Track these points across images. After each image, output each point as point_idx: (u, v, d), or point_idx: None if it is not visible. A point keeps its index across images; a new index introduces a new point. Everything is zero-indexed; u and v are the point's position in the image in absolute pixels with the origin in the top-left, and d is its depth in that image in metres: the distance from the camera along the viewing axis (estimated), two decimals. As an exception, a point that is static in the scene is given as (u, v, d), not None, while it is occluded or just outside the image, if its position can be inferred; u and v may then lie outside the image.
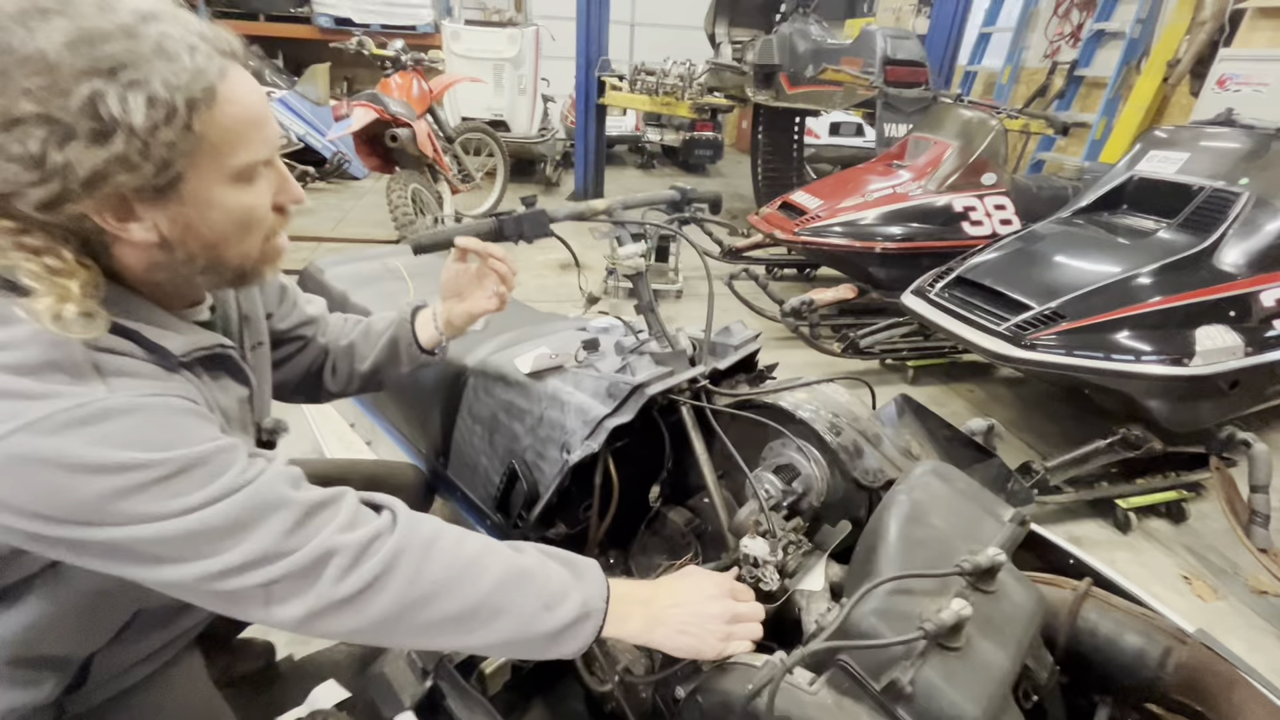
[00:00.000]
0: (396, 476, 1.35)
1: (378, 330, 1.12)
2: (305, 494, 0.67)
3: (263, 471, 0.66)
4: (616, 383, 0.97)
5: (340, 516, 0.67)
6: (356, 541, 0.66)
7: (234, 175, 0.64)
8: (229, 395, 0.79)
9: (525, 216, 0.98)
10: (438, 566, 0.68)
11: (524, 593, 0.72)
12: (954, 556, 0.84)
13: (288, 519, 0.64)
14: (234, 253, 0.69)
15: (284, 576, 0.63)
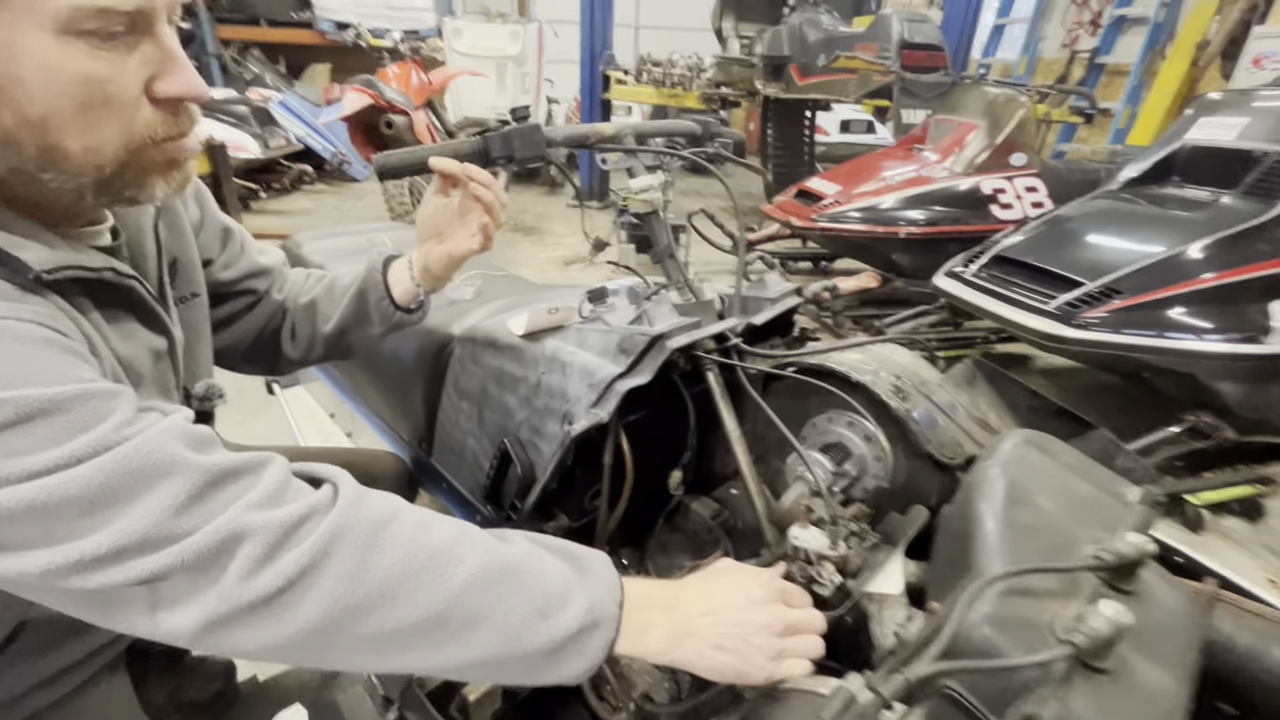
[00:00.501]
0: (373, 466, 1.16)
1: (343, 285, 0.94)
2: (209, 458, 0.48)
3: (151, 426, 0.47)
4: (630, 335, 0.78)
5: (259, 488, 0.49)
6: (277, 522, 0.47)
7: (60, 23, 0.46)
8: (135, 343, 0.62)
9: (516, 132, 0.80)
10: (390, 557, 0.50)
11: (511, 594, 0.52)
12: (1076, 546, 0.64)
13: (179, 490, 0.46)
14: (76, 145, 0.50)
15: (171, 570, 0.45)
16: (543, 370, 0.87)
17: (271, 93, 6.30)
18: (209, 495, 0.47)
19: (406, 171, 0.78)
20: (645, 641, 0.58)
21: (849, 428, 0.88)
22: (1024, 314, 2.00)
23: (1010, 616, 0.54)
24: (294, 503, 0.49)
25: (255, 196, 5.05)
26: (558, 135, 0.84)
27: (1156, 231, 2.06)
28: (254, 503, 0.48)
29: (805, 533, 0.72)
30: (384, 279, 0.90)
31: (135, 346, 0.62)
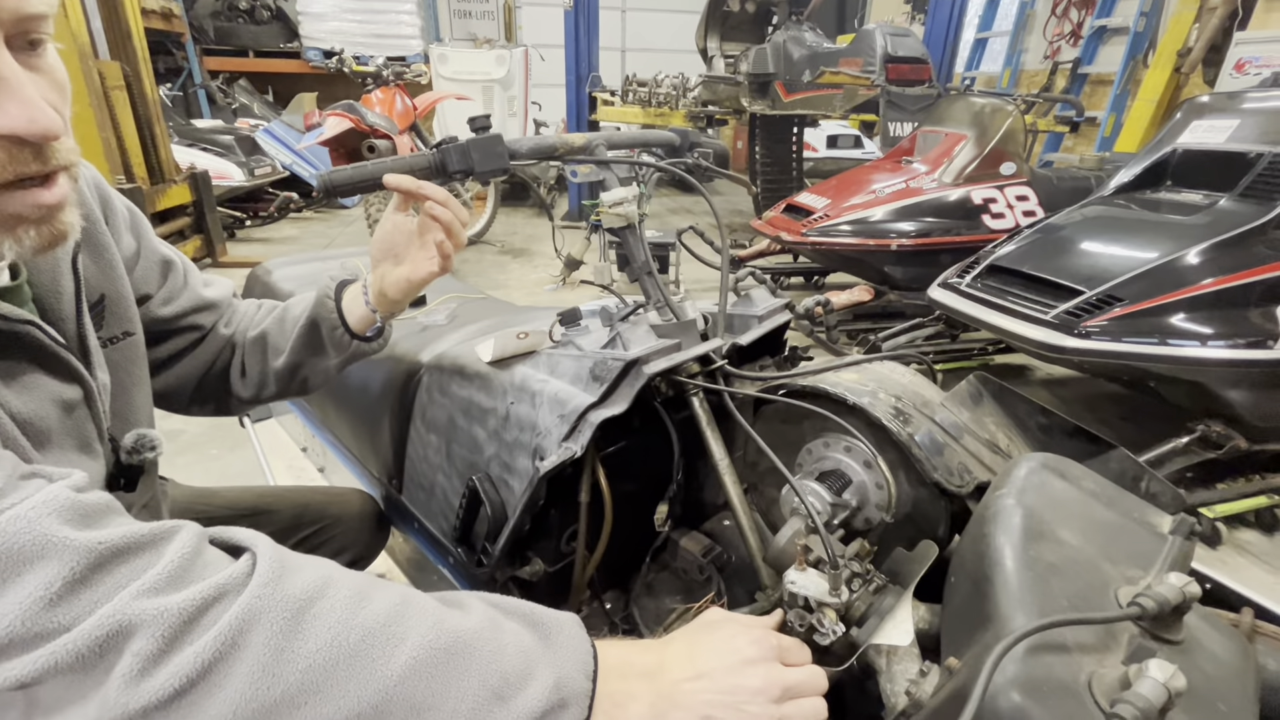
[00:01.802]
0: (340, 505, 1.08)
1: (295, 315, 0.86)
2: (95, 534, 0.40)
3: (23, 500, 0.40)
4: (602, 360, 0.71)
5: (154, 571, 0.41)
6: (175, 609, 0.39)
7: None
8: (36, 395, 0.54)
9: (475, 144, 0.74)
10: (314, 643, 0.42)
11: (461, 677, 0.45)
12: (1109, 588, 0.56)
13: (53, 576, 0.38)
14: None
15: (44, 674, 0.37)
16: (511, 400, 0.80)
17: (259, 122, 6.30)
18: (91, 581, 0.39)
19: (355, 189, 0.72)
20: (624, 716, 0.50)
21: (847, 453, 0.81)
22: (1023, 324, 1.94)
23: (1043, 680, 0.46)
24: (199, 583, 0.41)
25: (240, 225, 5.00)
26: (522, 147, 0.78)
27: (1154, 237, 2.01)
28: (149, 587, 0.40)
29: (803, 576, 0.65)
30: (337, 306, 0.83)
31: (37, 399, 0.54)
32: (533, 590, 0.83)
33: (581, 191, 5.90)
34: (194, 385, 0.87)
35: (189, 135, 5.00)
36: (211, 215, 4.18)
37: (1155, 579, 0.54)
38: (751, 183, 5.60)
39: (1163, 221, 2.09)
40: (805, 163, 5.81)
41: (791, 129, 5.50)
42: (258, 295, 1.54)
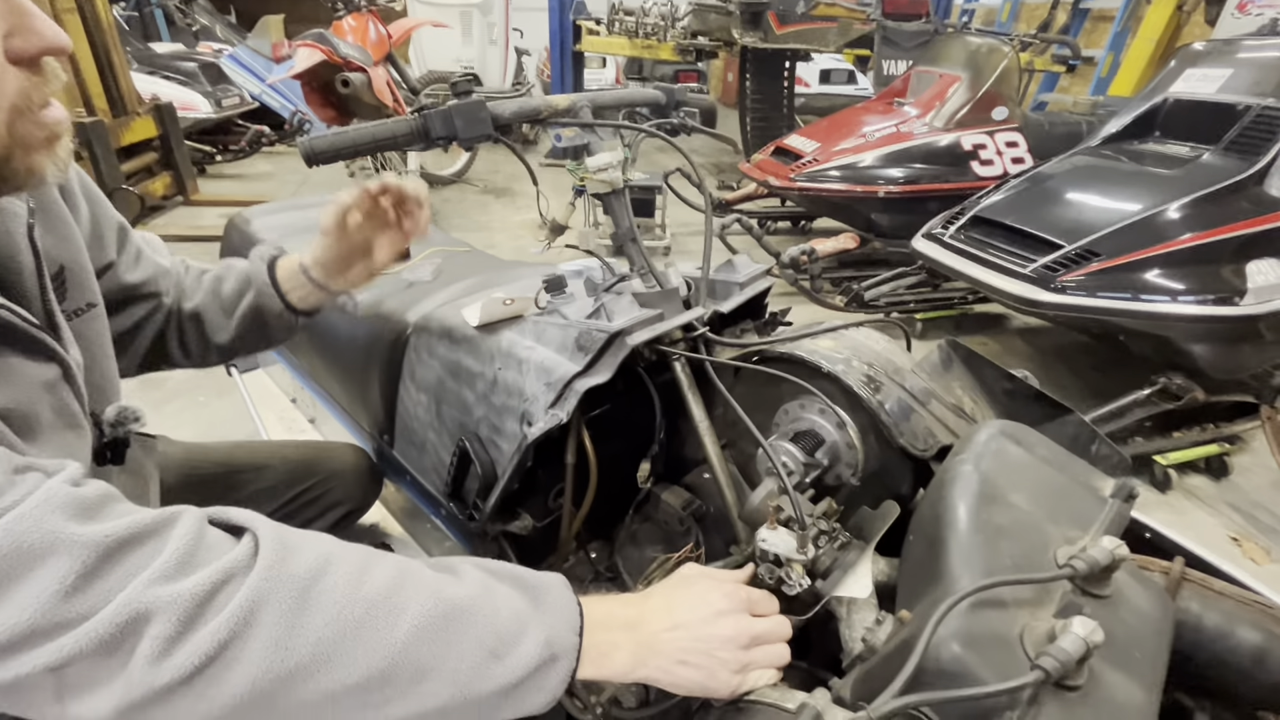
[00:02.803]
0: (333, 459, 1.12)
1: (229, 293, 0.85)
2: (100, 527, 0.43)
3: (27, 496, 0.42)
4: (587, 331, 0.73)
5: (161, 558, 0.43)
6: (188, 593, 0.42)
7: None
8: (17, 382, 0.54)
9: (459, 110, 0.73)
10: (322, 617, 0.45)
11: (460, 639, 0.49)
12: (1049, 547, 0.62)
13: (66, 570, 0.40)
14: None
15: (72, 658, 0.40)
16: (499, 366, 0.83)
17: (222, 46, 5.93)
18: (103, 571, 0.42)
19: (337, 157, 0.71)
20: (609, 664, 0.56)
21: (821, 415, 0.85)
22: (1000, 277, 1.98)
23: (980, 633, 0.52)
24: (207, 567, 0.44)
25: (210, 160, 4.80)
26: (505, 110, 0.77)
27: (1136, 190, 2.02)
28: (159, 574, 0.43)
29: (774, 535, 0.70)
30: (277, 291, 0.83)
31: (19, 387, 0.54)
32: (522, 543, 0.88)
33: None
34: (141, 355, 0.85)
35: (148, 62, 4.71)
36: (180, 150, 4.00)
37: (1090, 541, 0.60)
38: (741, 118, 5.45)
39: (1147, 174, 2.10)
40: (797, 98, 5.64)
41: (784, 63, 5.31)
42: (236, 245, 1.53)
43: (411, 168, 3.57)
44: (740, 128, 5.50)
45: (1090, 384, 2.48)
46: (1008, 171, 3.08)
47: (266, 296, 0.84)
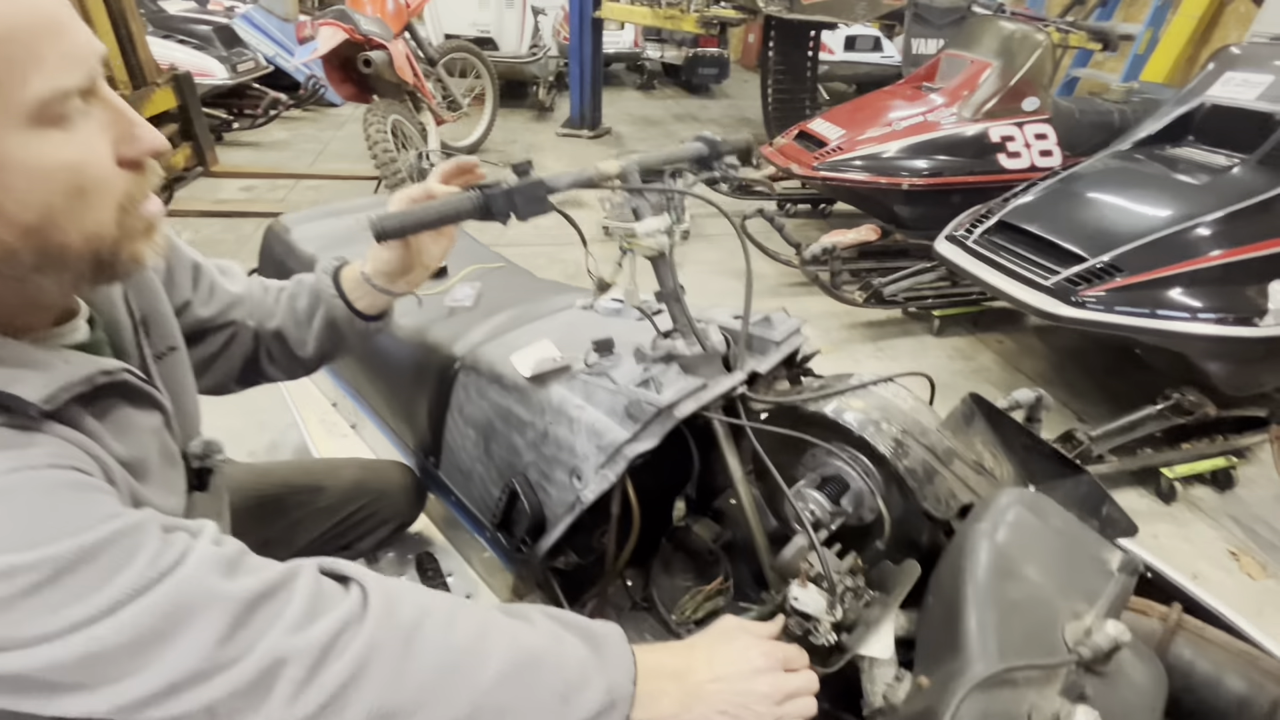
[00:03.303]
0: (382, 479, 1.19)
1: (304, 309, 0.91)
2: (242, 583, 0.50)
3: (183, 557, 0.49)
4: (638, 402, 0.79)
5: (291, 608, 0.51)
6: (315, 644, 0.50)
7: (30, 116, 0.44)
8: (134, 434, 0.61)
9: (518, 190, 0.76)
10: (425, 664, 0.53)
11: (535, 685, 0.57)
12: (1057, 621, 0.68)
13: (220, 622, 0.48)
14: (74, 234, 0.49)
15: (223, 699, 0.48)
16: (550, 420, 0.88)
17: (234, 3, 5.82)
18: (248, 622, 0.49)
19: (404, 233, 0.76)
20: (657, 709, 0.63)
21: (850, 462, 0.91)
22: (1021, 287, 2.00)
23: (994, 712, 0.58)
24: (327, 616, 0.52)
25: (228, 127, 4.77)
26: (561, 183, 0.80)
27: (1164, 202, 2.01)
28: (291, 624, 0.50)
29: (805, 593, 0.77)
30: (346, 302, 0.89)
31: (135, 438, 0.61)
32: (567, 576, 0.96)
33: (584, 98, 5.61)
34: (236, 375, 0.92)
35: (162, 24, 4.65)
36: (199, 121, 3.99)
37: (1096, 621, 0.66)
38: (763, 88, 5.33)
39: (1177, 184, 2.08)
40: (820, 65, 5.50)
41: (809, 33, 5.15)
42: (278, 254, 1.58)
43: (433, 145, 3.55)
44: (761, 97, 5.38)
45: (1104, 386, 2.51)
46: (1035, 164, 3.04)
47: (336, 308, 0.89)
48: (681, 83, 7.94)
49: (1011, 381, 2.55)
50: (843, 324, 2.92)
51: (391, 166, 2.99)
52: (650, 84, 7.93)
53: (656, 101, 7.36)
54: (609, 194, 0.81)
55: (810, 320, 2.94)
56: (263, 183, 4.11)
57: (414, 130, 3.43)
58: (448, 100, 4.25)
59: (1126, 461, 1.95)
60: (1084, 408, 2.39)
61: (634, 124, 6.25)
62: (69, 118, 0.47)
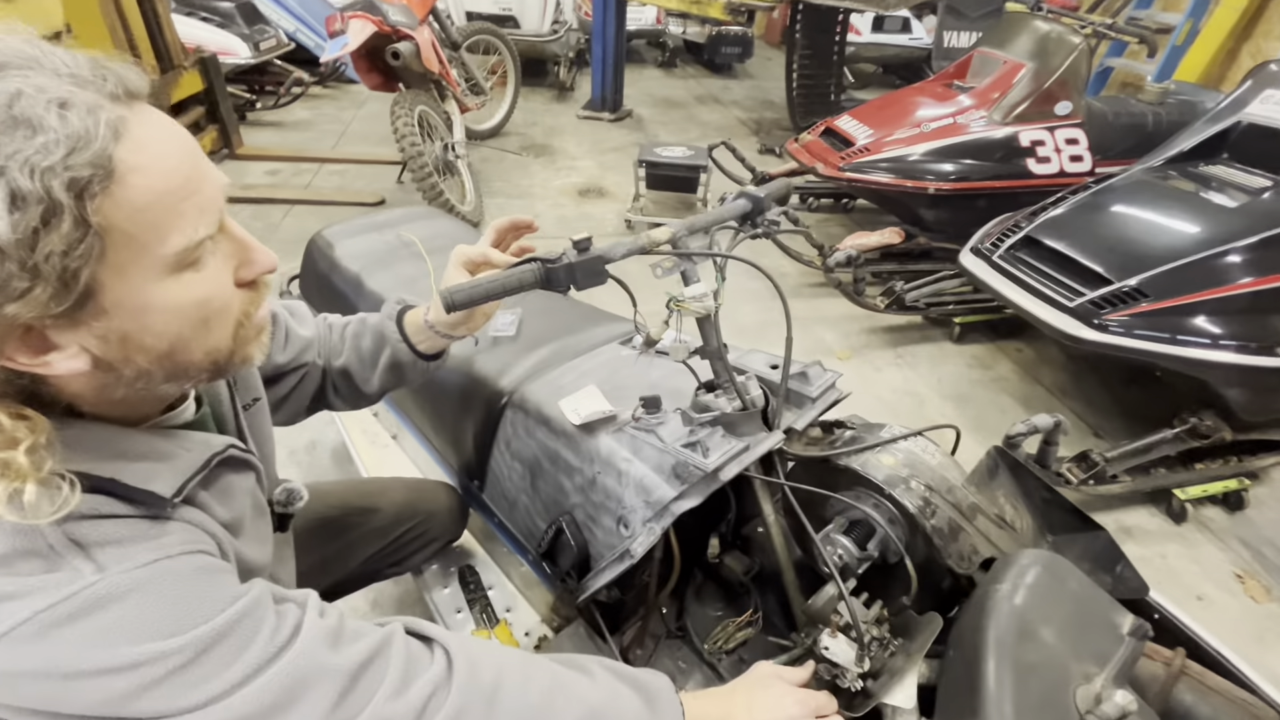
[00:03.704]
0: (432, 501, 1.26)
1: (368, 349, 0.97)
2: (346, 654, 0.57)
3: (296, 633, 0.56)
4: (685, 464, 0.85)
5: (389, 677, 0.58)
6: (412, 709, 0.57)
7: (170, 266, 0.50)
8: (237, 494, 0.67)
9: (578, 265, 0.81)
10: None
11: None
12: (1071, 684, 0.75)
13: (331, 692, 0.55)
14: (199, 354, 0.56)
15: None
16: (598, 469, 0.95)
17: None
18: (354, 690, 0.56)
19: (472, 304, 0.80)
20: None
21: (875, 508, 0.96)
22: (1044, 308, 2.01)
23: (1008, 778, 0.65)
24: (419, 680, 0.59)
25: (250, 107, 4.78)
26: (617, 253, 0.85)
27: (1196, 225, 2.01)
28: (389, 692, 0.57)
29: (835, 643, 0.84)
30: (409, 345, 0.94)
31: (235, 500, 0.67)
32: (608, 608, 1.03)
33: (605, 79, 5.55)
34: (305, 409, 1.00)
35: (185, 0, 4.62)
36: (225, 103, 4.01)
37: (1105, 691, 0.72)
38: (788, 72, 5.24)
39: (1210, 206, 2.07)
40: (847, 46, 5.39)
41: (838, 16, 5.05)
42: (321, 268, 1.63)
43: (457, 136, 3.56)
44: (786, 79, 5.30)
45: (1120, 400, 2.54)
46: (1064, 170, 3.01)
47: (400, 350, 0.94)
48: (704, 61, 7.80)
49: (1029, 393, 2.58)
50: (863, 328, 2.95)
51: (419, 160, 3.01)
52: (672, 62, 7.80)
53: (678, 81, 7.25)
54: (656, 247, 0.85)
55: (830, 324, 2.97)
56: (287, 166, 4.14)
57: (439, 120, 3.44)
58: (471, 85, 4.23)
59: (1140, 481, 1.99)
60: (1101, 422, 2.42)
61: (655, 106, 6.18)
62: (201, 259, 0.52)
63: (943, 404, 2.51)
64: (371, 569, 1.22)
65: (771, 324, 0.95)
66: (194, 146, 0.52)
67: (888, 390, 2.58)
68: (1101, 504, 2.03)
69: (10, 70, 0.42)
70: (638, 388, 1.07)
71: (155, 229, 0.48)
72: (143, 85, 0.49)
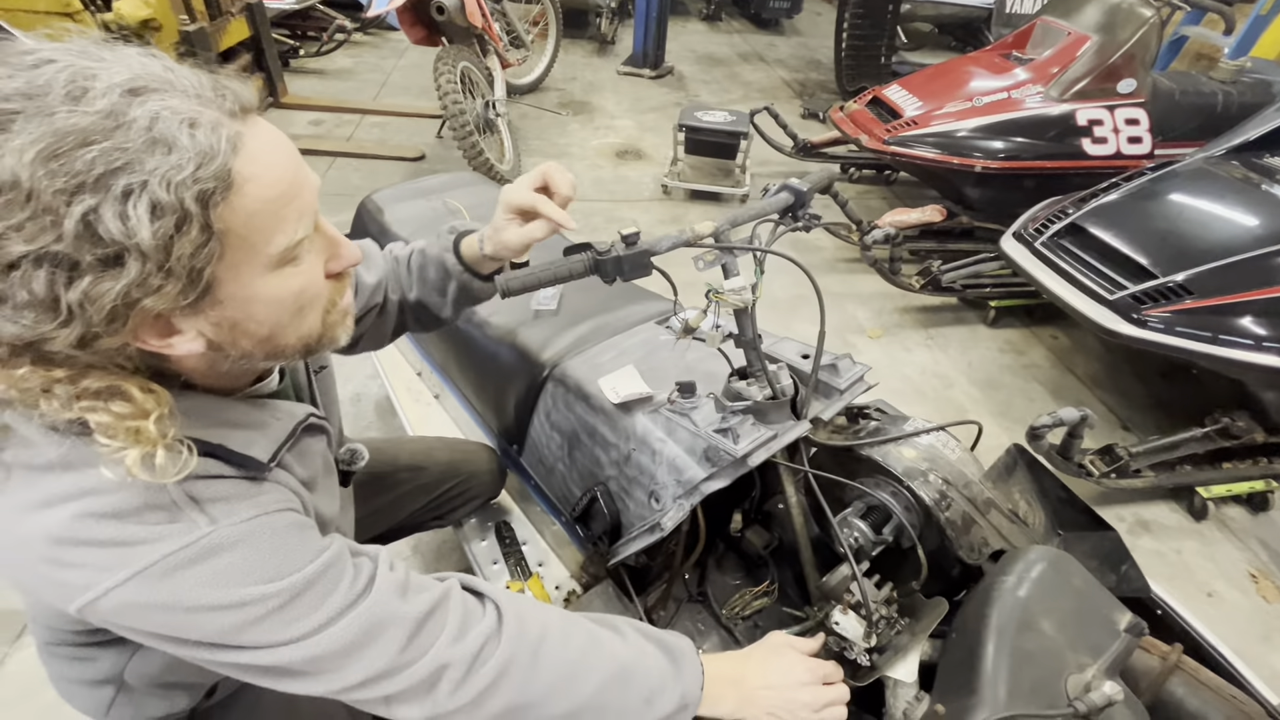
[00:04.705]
0: (472, 461, 1.35)
1: (434, 280, 1.01)
2: (414, 604, 0.66)
3: (371, 583, 0.64)
4: (716, 449, 0.91)
5: (449, 624, 0.67)
6: (468, 653, 0.66)
7: (273, 263, 0.56)
8: (313, 455, 0.76)
9: (626, 258, 0.85)
10: (545, 673, 0.69)
11: (627, 691, 0.73)
12: (1064, 673, 0.80)
13: (401, 635, 0.64)
14: (293, 338, 0.63)
15: (402, 691, 0.64)
16: (633, 447, 1.01)
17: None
18: (419, 634, 0.65)
19: (525, 290, 0.86)
20: (717, 708, 0.79)
21: (893, 497, 1.02)
22: (1083, 299, 1.99)
23: (994, 748, 0.72)
24: (475, 629, 0.68)
25: (294, 54, 4.80)
26: (662, 246, 0.89)
27: (1252, 221, 1.95)
28: (449, 638, 0.66)
29: (845, 620, 0.91)
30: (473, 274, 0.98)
31: (311, 460, 0.75)
32: (635, 571, 1.12)
33: (648, 33, 5.41)
34: (386, 339, 1.06)
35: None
36: (270, 50, 4.03)
37: (1095, 680, 0.78)
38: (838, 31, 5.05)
39: (1272, 201, 2.00)
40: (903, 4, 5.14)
41: (893, -28, 4.81)
42: (372, 232, 1.70)
43: (498, 94, 3.55)
44: (835, 38, 5.09)
45: (1154, 393, 2.51)
46: (1121, 151, 2.90)
47: (465, 279, 0.98)
48: (749, 15, 7.51)
49: (1061, 382, 2.56)
50: (896, 306, 2.94)
51: (460, 118, 3.03)
52: (717, 15, 7.52)
53: (722, 36, 7.01)
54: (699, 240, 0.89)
55: (863, 300, 2.96)
56: (330, 117, 4.19)
57: (480, 76, 3.43)
58: (512, 38, 4.18)
59: (1164, 477, 2.00)
60: (1131, 414, 2.41)
61: (697, 63, 6.02)
62: (299, 256, 0.59)
63: (970, 388, 2.52)
64: (416, 521, 1.32)
65: (804, 299, 0.98)
66: (296, 156, 0.57)
67: (916, 371, 2.59)
68: (1122, 497, 2.05)
69: (150, 93, 0.48)
70: (673, 370, 1.13)
71: (263, 231, 0.54)
72: (253, 100, 0.55)
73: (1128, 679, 0.94)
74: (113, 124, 0.45)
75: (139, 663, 0.78)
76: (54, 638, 0.78)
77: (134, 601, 0.55)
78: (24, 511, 0.54)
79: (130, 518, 0.55)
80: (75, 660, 0.79)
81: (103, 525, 0.53)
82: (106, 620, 0.56)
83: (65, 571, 0.54)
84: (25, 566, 0.55)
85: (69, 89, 0.45)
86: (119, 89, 0.47)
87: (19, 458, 0.54)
